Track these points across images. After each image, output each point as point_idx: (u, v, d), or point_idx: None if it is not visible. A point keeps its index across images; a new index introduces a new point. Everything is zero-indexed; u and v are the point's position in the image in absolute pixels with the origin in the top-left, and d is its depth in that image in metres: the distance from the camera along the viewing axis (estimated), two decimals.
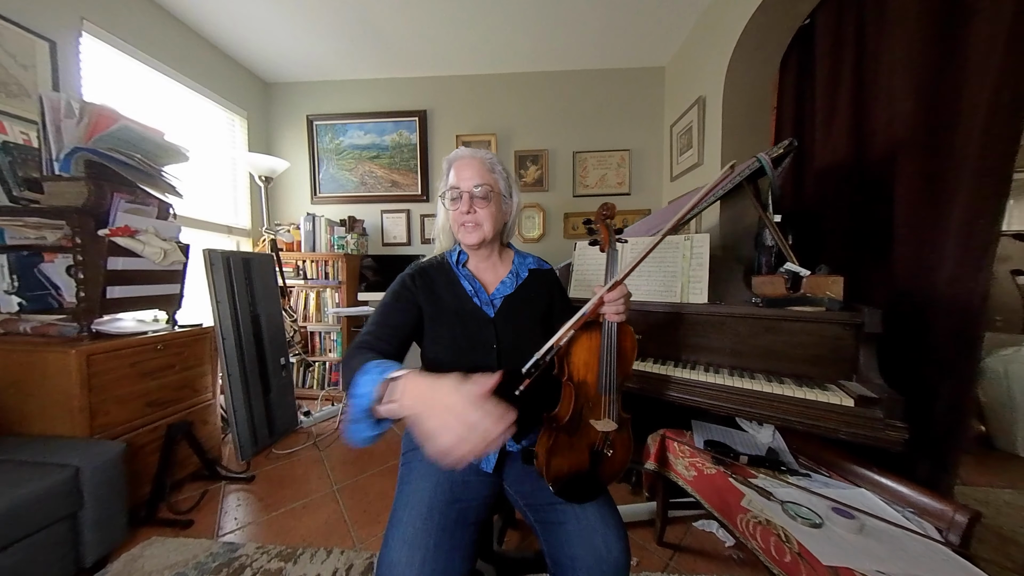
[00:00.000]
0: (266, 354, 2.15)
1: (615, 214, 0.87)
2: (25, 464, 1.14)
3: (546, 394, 0.82)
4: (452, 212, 0.88)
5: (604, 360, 0.78)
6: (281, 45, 2.64)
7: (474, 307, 0.88)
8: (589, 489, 0.77)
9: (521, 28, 2.49)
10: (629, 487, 1.64)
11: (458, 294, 0.89)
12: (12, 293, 1.38)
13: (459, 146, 3.02)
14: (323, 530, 1.44)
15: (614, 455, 0.81)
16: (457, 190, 0.86)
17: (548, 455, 0.76)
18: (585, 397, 0.80)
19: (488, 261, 0.95)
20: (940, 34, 1.32)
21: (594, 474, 0.79)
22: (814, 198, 1.83)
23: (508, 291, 0.91)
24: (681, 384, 1.20)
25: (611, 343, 0.78)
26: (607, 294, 0.76)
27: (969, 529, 0.82)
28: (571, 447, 0.78)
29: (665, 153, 2.92)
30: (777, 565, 0.81)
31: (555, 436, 0.77)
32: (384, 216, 3.15)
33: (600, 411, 0.79)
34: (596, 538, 0.71)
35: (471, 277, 0.92)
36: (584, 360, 0.80)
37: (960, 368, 1.25)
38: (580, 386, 0.80)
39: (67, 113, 1.36)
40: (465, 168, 0.87)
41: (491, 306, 0.89)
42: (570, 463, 0.78)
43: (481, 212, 0.86)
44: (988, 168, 1.18)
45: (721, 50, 2.13)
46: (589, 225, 0.89)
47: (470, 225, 0.87)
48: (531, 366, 0.73)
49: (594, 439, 0.80)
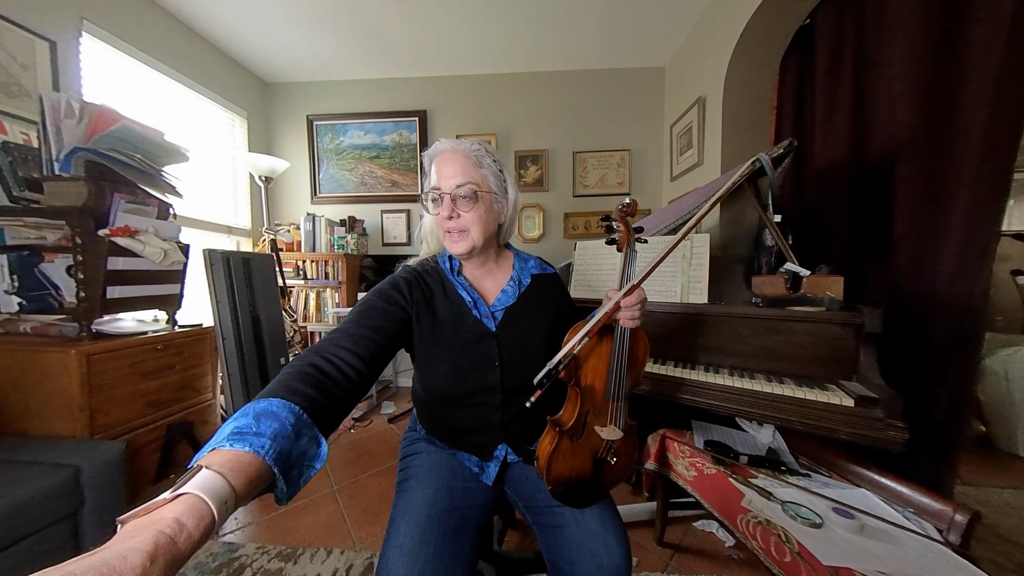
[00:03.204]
0: (266, 354, 2.15)
1: (636, 211, 0.77)
2: (25, 464, 1.14)
3: (551, 396, 0.77)
4: (435, 217, 0.78)
5: (614, 367, 0.75)
6: (281, 45, 2.64)
7: (474, 320, 0.78)
8: (589, 495, 0.76)
9: (521, 28, 2.49)
10: (629, 487, 1.64)
11: (455, 306, 0.79)
12: (12, 293, 1.37)
13: None
14: (323, 530, 1.44)
15: (617, 462, 0.79)
16: (438, 191, 0.75)
17: (549, 459, 0.74)
18: (591, 403, 0.77)
19: (484, 268, 0.85)
20: (940, 34, 1.31)
21: (596, 481, 0.78)
22: (814, 198, 1.83)
23: (510, 301, 0.82)
24: (681, 384, 1.20)
25: (623, 349, 0.74)
26: (624, 299, 0.71)
27: (969, 529, 0.82)
28: (573, 452, 0.76)
29: (665, 153, 2.92)
30: (777, 565, 0.81)
31: (558, 440, 0.74)
32: (384, 216, 3.15)
33: (606, 418, 0.77)
34: (596, 543, 0.69)
35: (468, 287, 0.81)
36: (593, 366, 0.76)
37: (960, 368, 1.25)
38: (587, 392, 0.77)
39: (67, 113, 1.36)
40: (446, 164, 0.74)
41: (492, 319, 0.80)
42: (571, 469, 0.76)
43: (467, 216, 0.74)
44: (988, 168, 1.19)
45: (721, 50, 2.13)
46: (608, 222, 0.78)
47: (455, 234, 0.76)
48: (543, 376, 0.69)
49: (598, 446, 0.78)
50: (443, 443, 0.85)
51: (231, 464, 0.38)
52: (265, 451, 0.41)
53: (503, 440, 0.81)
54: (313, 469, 0.46)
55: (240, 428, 0.42)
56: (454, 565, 0.66)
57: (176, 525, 0.31)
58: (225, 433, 0.41)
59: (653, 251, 1.34)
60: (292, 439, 0.44)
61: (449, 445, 0.84)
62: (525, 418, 0.78)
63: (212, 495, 0.34)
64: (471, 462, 0.83)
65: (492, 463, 0.82)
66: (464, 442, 0.83)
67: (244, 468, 0.39)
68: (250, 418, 0.43)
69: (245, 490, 0.38)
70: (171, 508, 0.33)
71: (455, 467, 0.81)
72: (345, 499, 1.63)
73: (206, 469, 0.36)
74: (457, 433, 0.82)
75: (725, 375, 1.16)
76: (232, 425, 0.42)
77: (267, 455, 0.41)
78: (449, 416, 0.81)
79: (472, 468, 0.82)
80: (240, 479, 0.38)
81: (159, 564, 0.29)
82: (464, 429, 0.81)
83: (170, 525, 0.31)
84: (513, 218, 0.84)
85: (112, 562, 0.27)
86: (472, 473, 0.82)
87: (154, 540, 0.29)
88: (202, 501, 0.34)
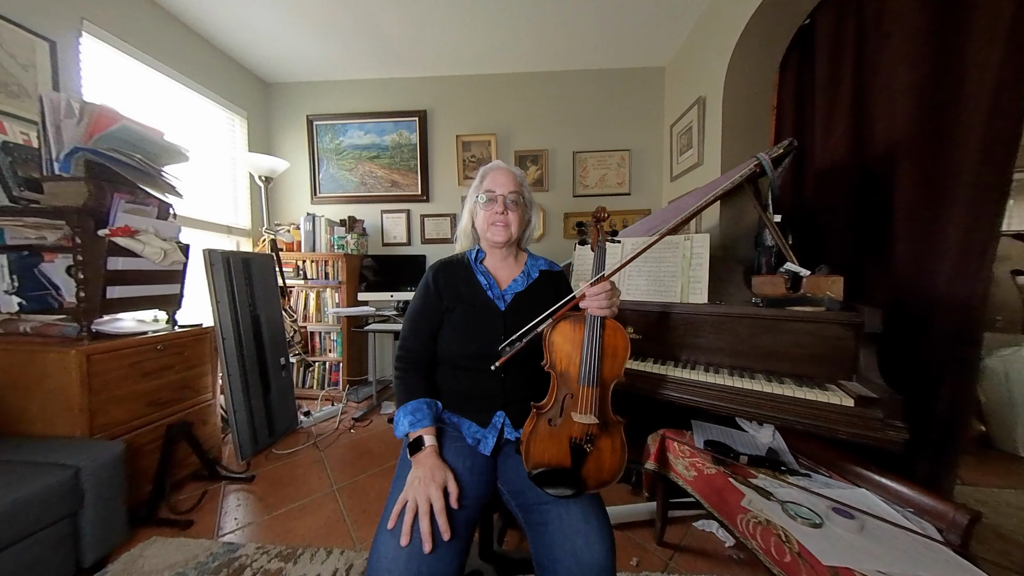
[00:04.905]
0: (266, 354, 2.15)
1: (608, 217, 0.94)
2: (25, 464, 1.14)
3: (538, 385, 0.87)
4: (485, 212, 0.98)
5: (586, 352, 0.80)
6: (281, 45, 2.65)
7: (487, 300, 0.96)
8: (566, 484, 0.77)
9: (521, 28, 2.49)
10: (629, 487, 1.64)
11: (474, 287, 0.98)
12: (12, 293, 1.37)
13: (459, 146, 3.04)
14: (323, 530, 1.44)
15: (601, 458, 0.80)
16: (493, 193, 0.97)
17: (528, 439, 0.81)
18: (568, 388, 0.83)
19: (505, 261, 1.04)
20: (940, 33, 1.32)
21: (575, 472, 0.79)
22: (814, 198, 1.83)
23: (519, 288, 0.99)
24: (681, 384, 1.20)
25: (594, 336, 0.80)
26: (588, 288, 0.81)
27: (969, 529, 0.82)
28: (551, 437, 0.81)
29: (665, 153, 2.92)
30: (777, 565, 0.81)
31: (536, 422, 0.82)
32: (384, 216, 3.15)
33: (581, 404, 0.80)
34: (578, 539, 0.70)
35: (487, 273, 1.00)
36: (567, 351, 0.84)
37: (960, 368, 1.25)
38: (562, 376, 0.84)
39: (67, 113, 1.36)
40: (501, 176, 0.99)
41: (503, 300, 0.97)
42: (550, 454, 0.80)
43: (511, 215, 0.97)
44: (988, 168, 1.19)
45: (721, 50, 2.13)
46: (581, 227, 0.98)
47: (500, 225, 0.97)
48: (506, 345, 0.85)
49: (574, 432, 0.80)
50: (448, 411, 0.94)
51: (427, 431, 0.85)
52: (431, 422, 0.87)
53: (501, 407, 0.91)
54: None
55: (413, 420, 0.86)
56: (444, 556, 0.67)
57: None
58: (406, 423, 0.86)
59: (634, 251, 1.34)
60: (432, 410, 0.90)
61: (454, 411, 0.94)
62: (521, 392, 0.90)
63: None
64: (471, 431, 0.91)
65: (490, 432, 0.90)
66: (467, 407, 0.93)
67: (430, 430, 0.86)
68: (414, 408, 0.88)
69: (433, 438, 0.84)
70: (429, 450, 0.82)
71: (452, 456, 0.84)
72: (345, 499, 1.63)
73: (425, 435, 0.84)
74: (462, 397, 0.94)
75: (725, 375, 1.16)
76: (407, 419, 0.86)
77: (433, 423, 0.87)
78: (456, 379, 0.94)
79: (470, 440, 0.90)
80: (431, 434, 0.85)
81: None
82: (468, 394, 0.93)
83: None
84: (533, 228, 1.06)
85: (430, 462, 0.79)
86: (469, 446, 0.88)
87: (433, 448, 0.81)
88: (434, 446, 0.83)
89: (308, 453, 2.04)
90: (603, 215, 0.93)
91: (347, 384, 2.80)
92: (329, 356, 2.84)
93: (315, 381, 2.86)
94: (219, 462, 1.83)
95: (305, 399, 2.70)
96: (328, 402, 2.74)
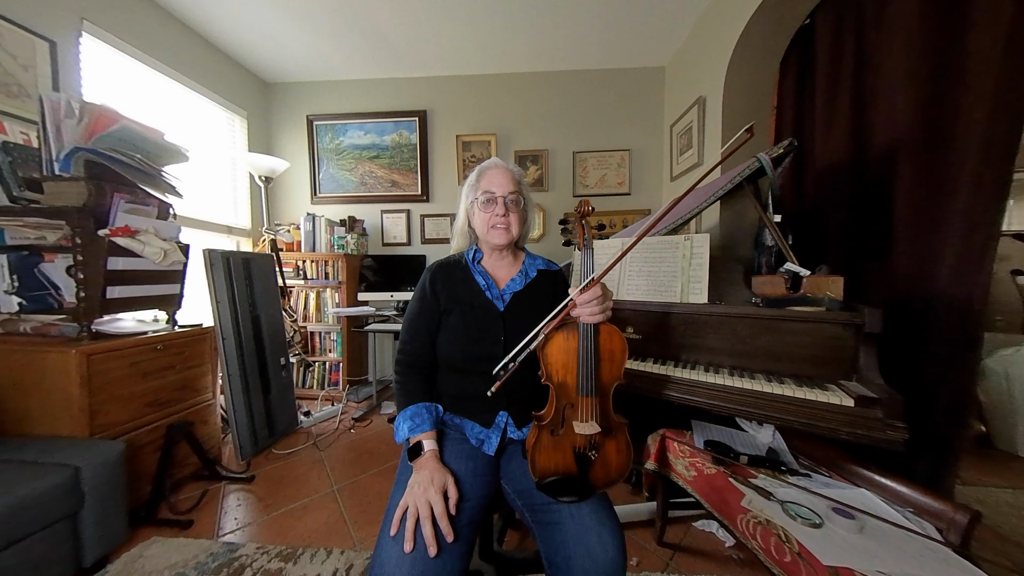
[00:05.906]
0: (266, 354, 2.15)
1: (591, 212, 0.86)
2: (25, 464, 1.14)
3: (538, 393, 0.85)
4: (485, 214, 0.95)
5: (582, 362, 0.78)
6: (281, 45, 2.65)
7: (486, 301, 0.94)
8: (575, 491, 0.77)
9: (521, 28, 2.49)
10: (629, 487, 1.64)
11: (472, 288, 0.96)
12: (12, 293, 1.37)
13: (459, 146, 3.03)
14: (323, 530, 1.44)
15: (607, 459, 0.80)
16: (492, 194, 0.93)
17: (533, 451, 0.79)
18: (567, 399, 0.81)
19: (503, 260, 1.01)
20: (940, 34, 1.31)
21: (583, 478, 0.78)
22: (814, 198, 1.83)
23: (517, 288, 0.97)
24: (681, 384, 1.20)
25: (589, 345, 0.77)
26: (579, 296, 0.76)
27: (969, 529, 0.81)
28: (555, 447, 0.79)
29: (665, 153, 2.92)
30: (777, 565, 0.81)
31: (539, 434, 0.80)
32: (384, 216, 3.15)
33: (582, 413, 0.79)
34: (591, 538, 0.70)
35: (484, 273, 0.98)
36: (562, 362, 0.81)
37: (960, 368, 1.25)
38: (560, 388, 0.81)
39: (67, 113, 1.36)
40: (499, 176, 0.94)
41: (501, 300, 0.95)
42: (555, 463, 0.79)
43: (512, 216, 0.94)
44: (988, 168, 1.18)
45: (721, 50, 2.13)
46: (565, 224, 0.91)
47: (502, 228, 0.93)
48: (500, 368, 0.83)
49: (577, 441, 0.79)
50: (450, 412, 0.93)
51: (427, 436, 0.85)
52: (431, 426, 0.86)
53: (504, 407, 0.90)
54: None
55: (412, 426, 0.85)
56: (447, 557, 0.67)
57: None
58: (406, 428, 0.85)
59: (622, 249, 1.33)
60: (432, 414, 0.89)
61: (456, 412, 0.93)
62: (523, 391, 0.89)
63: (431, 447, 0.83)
64: (474, 432, 0.90)
65: (494, 432, 0.89)
66: (469, 408, 0.92)
67: (430, 435, 0.85)
68: (413, 413, 0.87)
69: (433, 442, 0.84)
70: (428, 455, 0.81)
71: (454, 459, 0.83)
72: (345, 499, 1.63)
73: (424, 440, 0.83)
74: (463, 399, 0.93)
75: (725, 375, 1.16)
76: (407, 424, 0.86)
77: (433, 427, 0.87)
78: (457, 382, 0.93)
79: (473, 441, 0.89)
80: (431, 438, 0.84)
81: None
82: (469, 395, 0.91)
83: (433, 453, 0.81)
84: (529, 227, 1.03)
85: (430, 466, 0.78)
86: (473, 450, 0.88)
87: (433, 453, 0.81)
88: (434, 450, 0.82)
89: (308, 453, 2.04)
90: (587, 209, 0.85)
91: (347, 384, 2.81)
92: (329, 356, 2.84)
93: (315, 381, 2.86)
94: (219, 462, 1.83)
95: (305, 399, 2.70)
96: (328, 402, 2.74)
